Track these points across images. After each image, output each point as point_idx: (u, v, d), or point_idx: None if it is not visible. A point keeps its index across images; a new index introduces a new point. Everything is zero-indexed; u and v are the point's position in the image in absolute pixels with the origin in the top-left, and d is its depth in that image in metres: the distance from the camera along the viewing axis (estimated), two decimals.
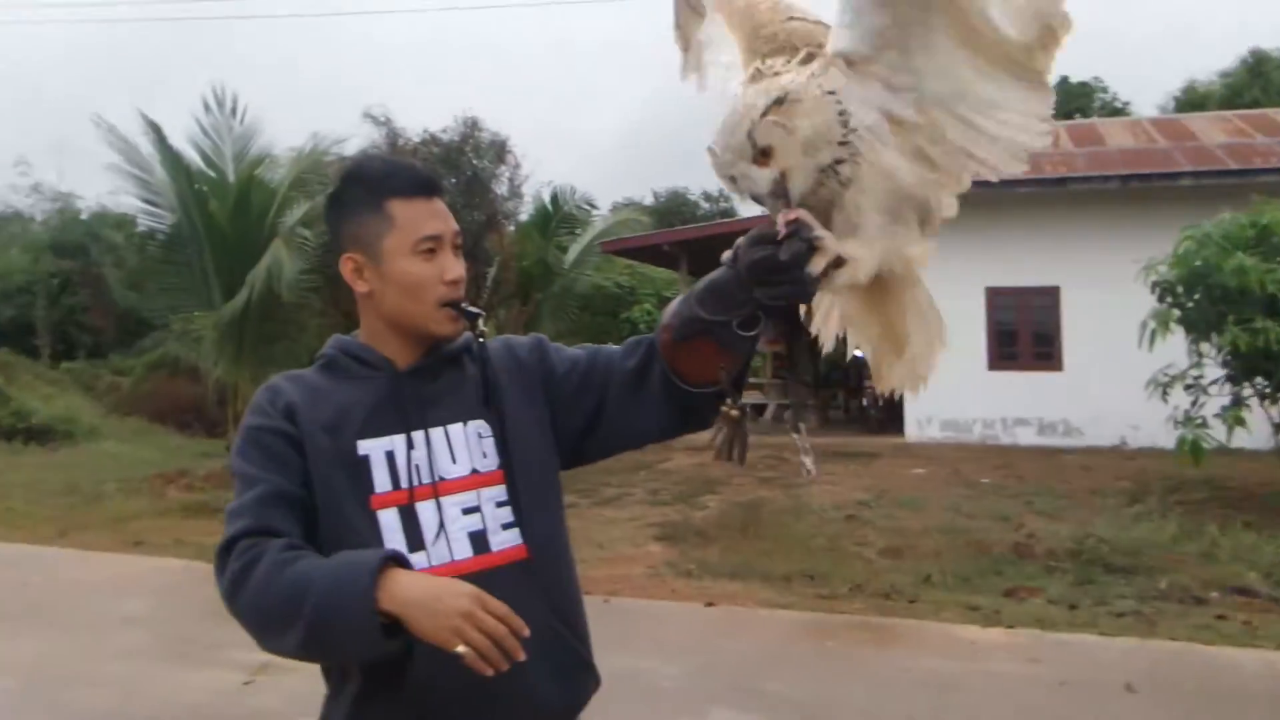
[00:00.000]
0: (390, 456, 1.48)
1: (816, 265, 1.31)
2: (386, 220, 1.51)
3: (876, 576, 6.60)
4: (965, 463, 11.59)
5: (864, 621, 5.66)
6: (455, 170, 14.35)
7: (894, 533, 7.82)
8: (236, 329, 10.72)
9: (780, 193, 1.33)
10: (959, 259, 13.73)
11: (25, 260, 25.14)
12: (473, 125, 14.99)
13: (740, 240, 1.36)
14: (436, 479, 1.49)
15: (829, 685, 4.65)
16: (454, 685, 1.38)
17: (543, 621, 1.47)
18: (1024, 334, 13.78)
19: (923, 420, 13.92)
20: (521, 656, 1.28)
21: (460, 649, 1.23)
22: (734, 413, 1.49)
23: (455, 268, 1.53)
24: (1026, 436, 13.40)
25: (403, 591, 1.26)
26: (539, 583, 1.51)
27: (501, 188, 15.18)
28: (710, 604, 6.01)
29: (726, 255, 1.39)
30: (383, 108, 15.17)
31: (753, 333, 1.44)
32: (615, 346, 1.64)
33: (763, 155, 1.31)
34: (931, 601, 6.02)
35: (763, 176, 1.32)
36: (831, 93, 1.31)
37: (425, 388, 1.55)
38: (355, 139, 15.23)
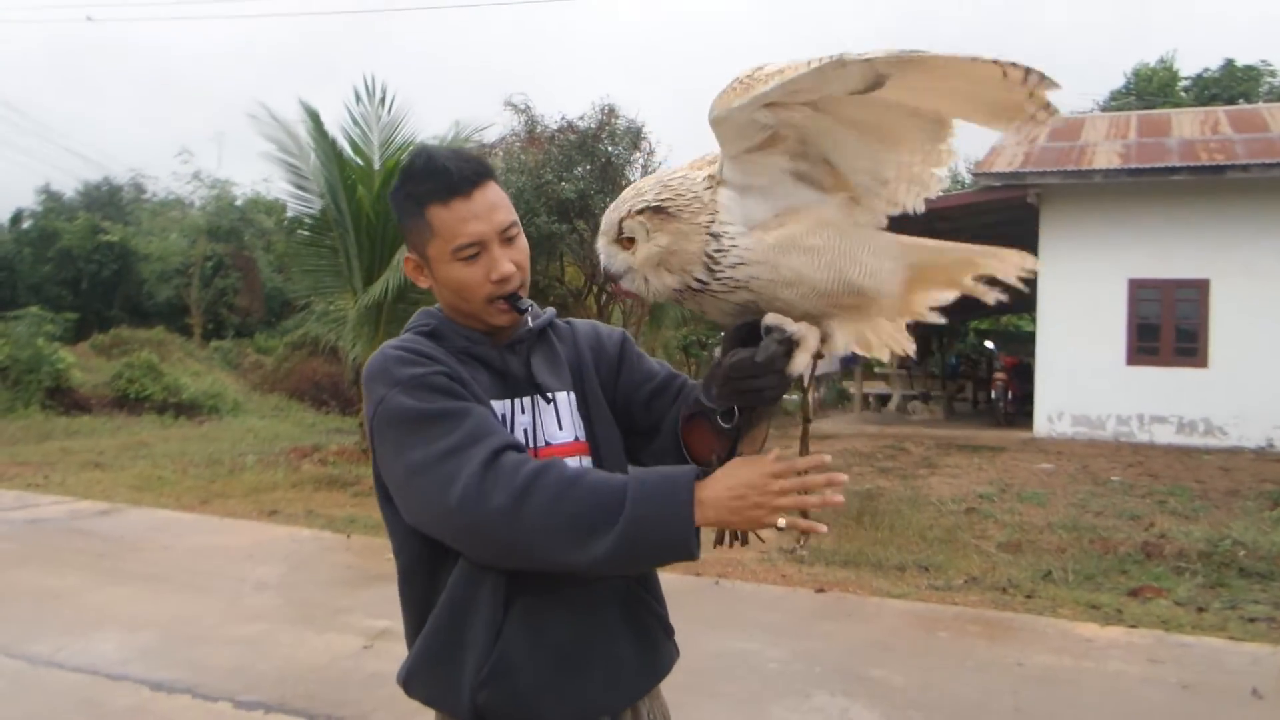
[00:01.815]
0: (503, 420, 1.53)
1: (799, 364, 1.34)
2: (428, 228, 1.52)
3: (993, 570, 6.46)
4: (1096, 459, 11.20)
5: (978, 614, 5.56)
6: (590, 157, 14.55)
7: (1015, 527, 7.64)
8: (375, 311, 11.11)
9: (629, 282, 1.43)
10: (1100, 249, 13.28)
11: (183, 244, 26.50)
12: (609, 112, 15.17)
13: (723, 339, 1.44)
14: (543, 444, 1.55)
15: (937, 675, 4.59)
16: (544, 653, 1.47)
17: (626, 589, 1.56)
18: (1167, 328, 13.19)
19: (1053, 415, 13.49)
20: (839, 499, 1.35)
21: (780, 524, 1.33)
22: None
23: (501, 265, 1.52)
24: (1164, 435, 12.85)
25: (711, 509, 1.33)
26: None
27: (635, 174, 15.35)
28: (821, 590, 6.00)
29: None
30: (523, 96, 15.49)
31: (729, 425, 1.45)
32: (690, 380, 1.68)
33: (628, 240, 1.40)
34: (1050, 598, 5.87)
35: (618, 259, 1.41)
36: (707, 226, 1.35)
37: (523, 359, 1.61)
38: (496, 126, 15.57)
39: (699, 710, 4.09)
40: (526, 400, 1.56)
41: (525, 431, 1.54)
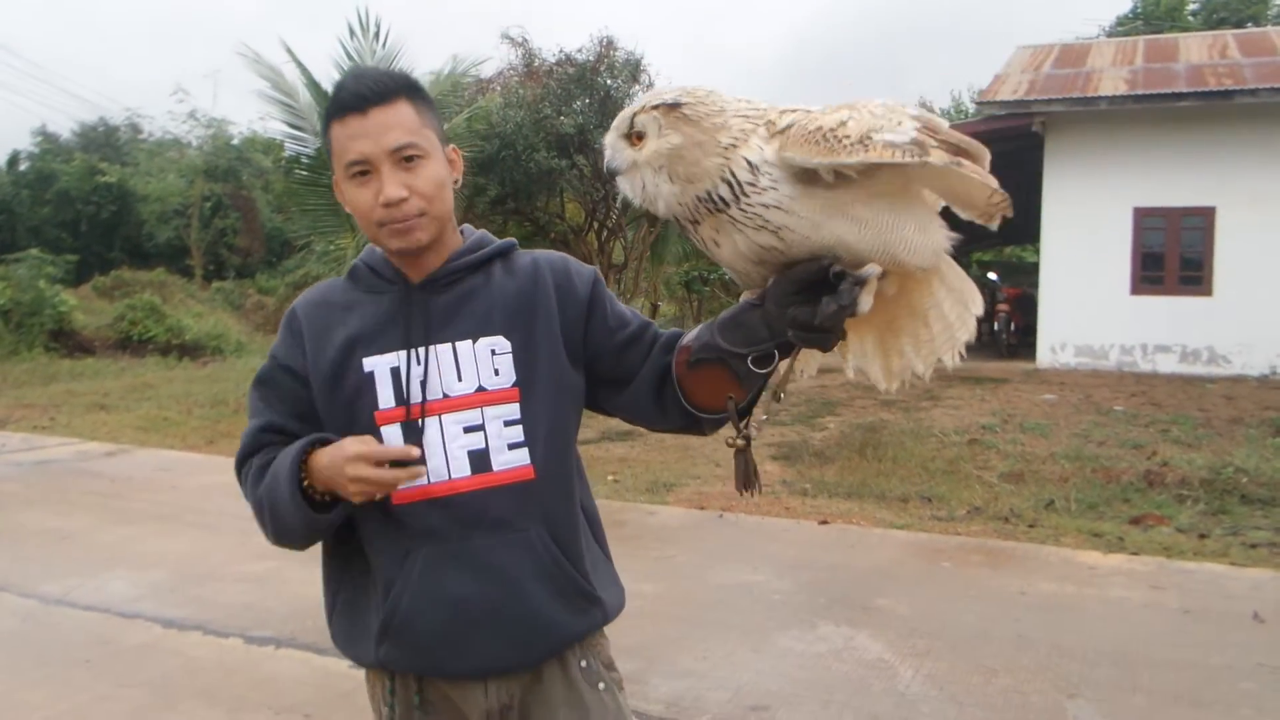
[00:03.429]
0: (395, 373, 1.49)
1: (865, 305, 1.27)
2: (329, 144, 1.51)
3: (996, 500, 6.50)
4: (1099, 389, 11.22)
5: (980, 544, 5.60)
6: (589, 91, 14.34)
7: (1017, 458, 7.67)
8: None
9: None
10: (1105, 178, 13.15)
11: (181, 184, 26.29)
12: (608, 45, 14.91)
13: (774, 280, 1.32)
14: (439, 395, 1.49)
15: (940, 604, 4.64)
16: (441, 609, 1.47)
17: (541, 546, 1.50)
18: (1171, 257, 13.11)
19: (1056, 346, 13.47)
20: (421, 474, 1.44)
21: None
22: (739, 442, 1.47)
23: (387, 187, 1.46)
24: (1167, 364, 12.84)
25: (317, 470, 1.43)
26: (539, 506, 1.51)
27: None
28: (824, 521, 6.03)
29: (752, 294, 1.37)
30: (520, 29, 15.24)
31: (766, 370, 1.41)
32: (663, 330, 1.61)
33: (637, 137, 1.32)
34: (1052, 527, 5.91)
35: (623, 153, 1.33)
36: (731, 146, 1.27)
37: (435, 301, 1.53)
38: (493, 60, 15.30)
39: (705, 641, 4.14)
40: (421, 350, 1.50)
41: (420, 384, 1.49)
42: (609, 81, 14.43)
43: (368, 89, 1.46)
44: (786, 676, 3.81)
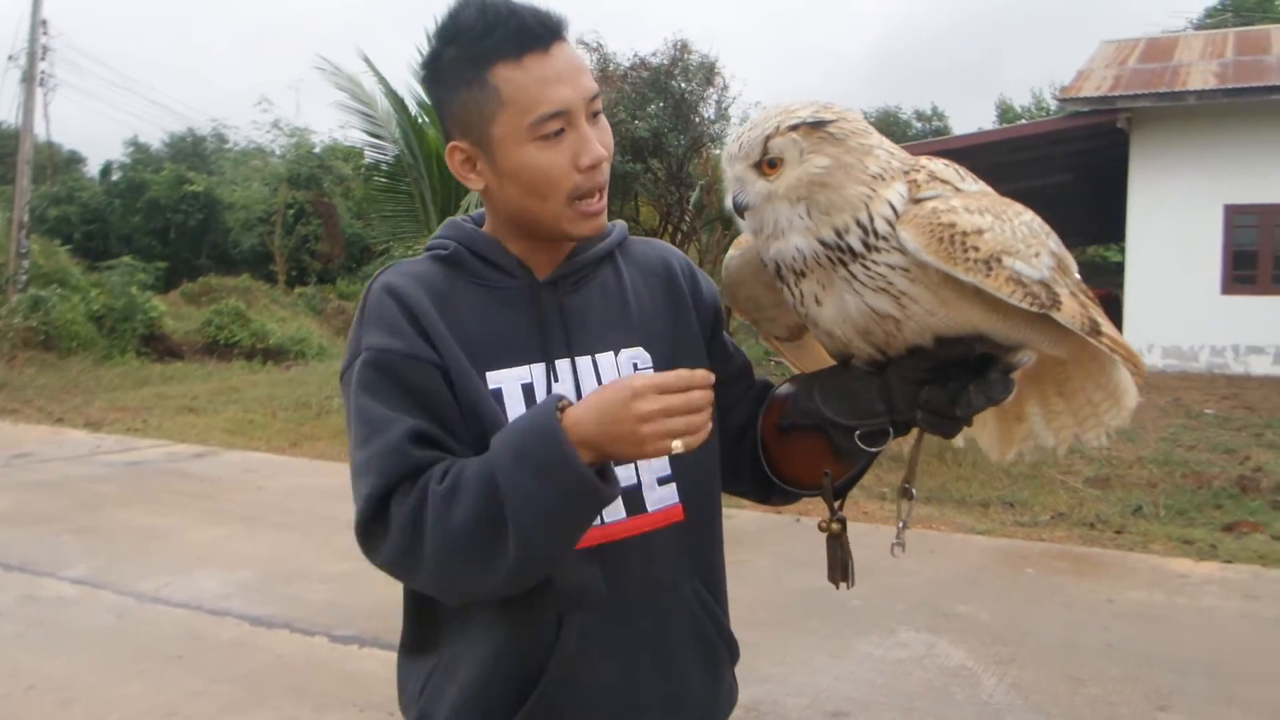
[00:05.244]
0: (529, 391, 1.17)
1: (1010, 396, 1.09)
2: (495, 96, 1.13)
3: (1081, 506, 6.36)
4: (1188, 392, 10.90)
5: (1065, 550, 5.48)
6: (663, 94, 14.38)
7: (1103, 462, 7.48)
8: None
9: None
10: (1194, 175, 12.78)
11: (265, 192, 26.94)
12: (682, 48, 14.94)
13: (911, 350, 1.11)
14: None
15: (1024, 611, 4.55)
16: (599, 694, 1.17)
17: (694, 596, 1.25)
18: (1265, 254, 12.69)
19: (1143, 348, 13.10)
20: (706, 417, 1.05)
21: (676, 447, 1.03)
22: (834, 527, 1.25)
23: (592, 148, 1.15)
24: (1260, 366, 12.43)
25: (581, 430, 1.04)
26: (690, 549, 1.25)
27: (709, 110, 15.14)
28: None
29: (863, 360, 1.15)
30: (595, 34, 15.33)
31: (876, 449, 1.18)
32: (760, 379, 1.37)
33: (769, 166, 1.09)
34: (1140, 533, 5.76)
35: (755, 186, 1.10)
36: (879, 178, 1.08)
37: (570, 301, 1.23)
38: None
39: (785, 646, 4.12)
40: (564, 364, 1.20)
41: None
42: (683, 85, 14.45)
43: (545, 18, 1.14)
44: (866, 683, 3.77)
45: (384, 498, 1.07)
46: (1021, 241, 1.05)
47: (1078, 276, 1.16)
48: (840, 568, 1.26)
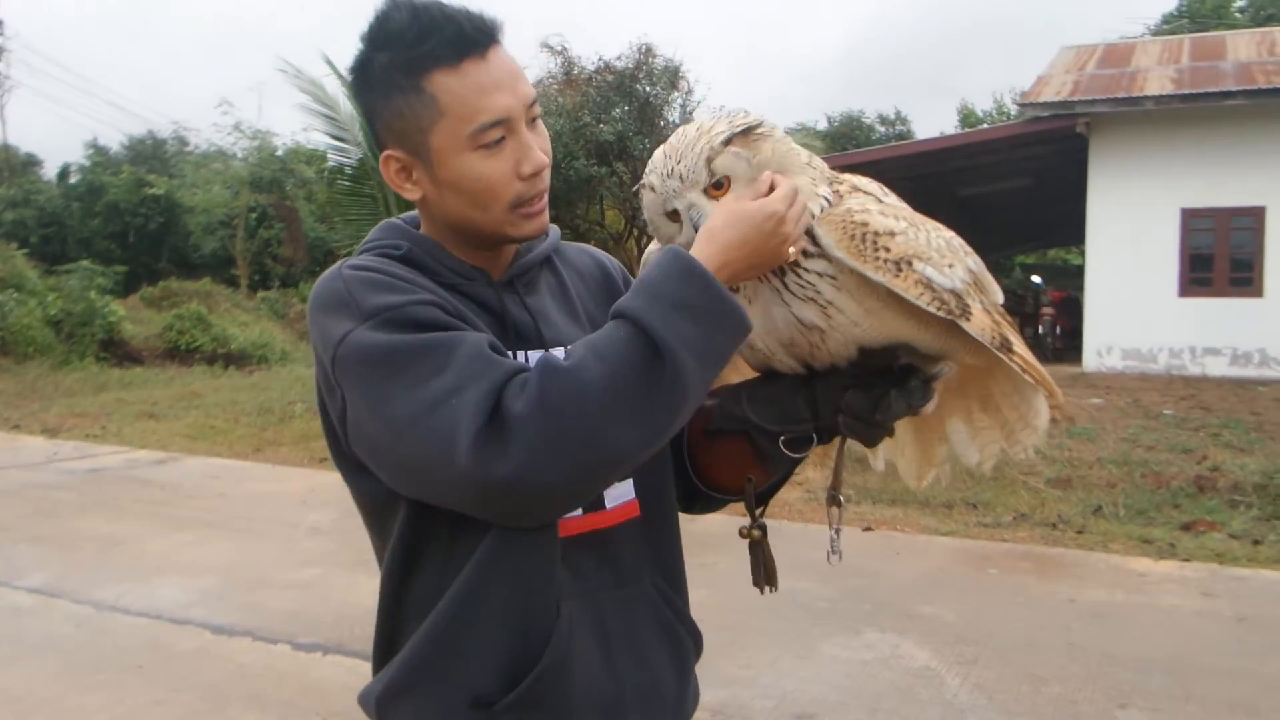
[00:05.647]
0: None
1: (932, 406, 1.11)
2: (430, 105, 1.09)
3: (1043, 506, 6.43)
4: (1147, 393, 11.05)
5: (1028, 550, 5.54)
6: (628, 98, 14.41)
7: (1064, 463, 7.57)
8: None
9: None
10: (1151, 179, 12.98)
11: (226, 195, 26.65)
12: (647, 52, 14.98)
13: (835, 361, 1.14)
14: None
15: (987, 611, 4.59)
16: (590, 698, 1.15)
17: (655, 590, 1.24)
18: (1221, 257, 12.90)
19: (1102, 349, 13.30)
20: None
21: (793, 254, 1.05)
22: (755, 533, 1.26)
23: (533, 155, 1.13)
24: (1217, 367, 12.62)
25: (732, 268, 1.03)
26: (650, 545, 1.25)
27: (674, 114, 15.18)
28: (868, 528, 6.00)
29: (790, 368, 1.15)
30: (559, 37, 15.33)
31: (799, 455, 1.19)
32: None
33: (716, 187, 1.08)
34: (1101, 533, 5.83)
35: (708, 210, 1.09)
36: (809, 165, 1.11)
37: (530, 300, 1.22)
38: (532, 68, 15.42)
39: (751, 649, 4.13)
40: (538, 355, 1.12)
41: None
42: (648, 88, 14.48)
43: (481, 22, 1.10)
44: (832, 684, 3.79)
45: (495, 403, 0.98)
46: (935, 250, 1.08)
47: (999, 300, 1.19)
48: (764, 573, 1.28)
